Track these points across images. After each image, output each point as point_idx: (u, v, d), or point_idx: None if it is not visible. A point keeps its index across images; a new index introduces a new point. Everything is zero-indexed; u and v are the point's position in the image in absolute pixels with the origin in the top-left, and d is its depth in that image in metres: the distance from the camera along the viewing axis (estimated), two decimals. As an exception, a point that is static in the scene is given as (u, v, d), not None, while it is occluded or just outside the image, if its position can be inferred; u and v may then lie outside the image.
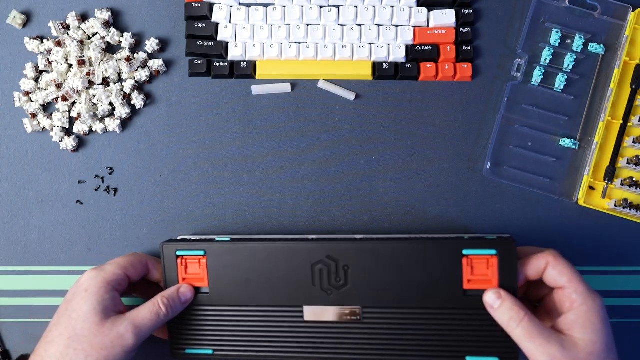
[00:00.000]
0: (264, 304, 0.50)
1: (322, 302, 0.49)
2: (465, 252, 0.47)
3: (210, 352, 0.51)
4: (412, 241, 0.48)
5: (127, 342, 0.45)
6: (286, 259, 0.49)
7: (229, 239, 0.51)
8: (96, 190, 0.57)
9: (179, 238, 0.54)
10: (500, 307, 0.46)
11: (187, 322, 0.51)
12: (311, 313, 0.49)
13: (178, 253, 0.50)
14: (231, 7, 0.58)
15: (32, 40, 0.57)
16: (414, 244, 0.48)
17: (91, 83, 0.57)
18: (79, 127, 0.57)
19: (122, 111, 0.56)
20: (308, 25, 0.58)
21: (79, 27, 0.57)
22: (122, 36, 0.57)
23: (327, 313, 0.49)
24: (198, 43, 0.57)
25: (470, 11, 0.58)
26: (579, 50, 0.58)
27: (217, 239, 0.51)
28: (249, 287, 0.50)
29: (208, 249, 0.50)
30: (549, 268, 0.46)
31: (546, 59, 0.58)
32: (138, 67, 0.57)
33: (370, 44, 0.58)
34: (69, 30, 0.57)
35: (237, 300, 0.50)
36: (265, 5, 0.58)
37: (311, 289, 0.49)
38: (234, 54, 0.57)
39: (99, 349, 0.44)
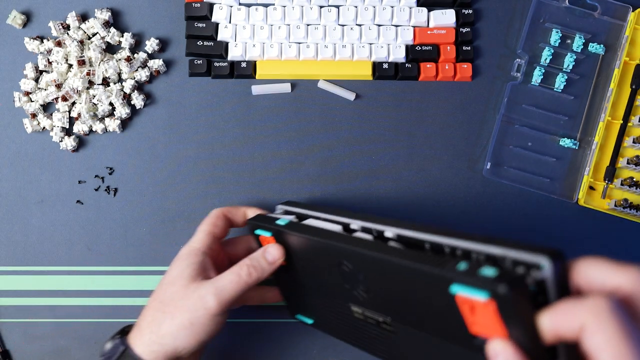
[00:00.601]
0: (314, 291, 0.48)
1: (358, 303, 0.43)
2: (454, 289, 0.31)
3: (311, 321, 0.50)
4: (395, 260, 0.35)
5: (209, 305, 0.44)
6: (317, 255, 0.44)
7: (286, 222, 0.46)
8: (96, 190, 0.57)
9: (276, 211, 0.51)
10: None
11: (291, 289, 0.50)
12: (356, 310, 0.44)
13: (255, 232, 0.49)
14: (231, 7, 0.58)
15: (32, 40, 0.57)
16: (397, 266, 0.35)
17: (91, 83, 0.57)
18: (79, 127, 0.57)
19: (122, 111, 0.56)
20: (308, 25, 0.58)
21: (79, 27, 0.57)
22: (122, 36, 0.57)
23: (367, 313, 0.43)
24: (198, 43, 0.57)
25: (470, 11, 0.58)
26: (579, 50, 0.58)
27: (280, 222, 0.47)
28: (305, 274, 0.47)
29: (275, 231, 0.47)
30: (585, 334, 0.28)
31: (546, 59, 0.58)
32: (138, 67, 0.57)
33: (370, 44, 0.58)
34: (69, 30, 0.57)
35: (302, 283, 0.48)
36: (265, 5, 0.58)
37: (344, 289, 0.43)
38: (234, 54, 0.57)
39: (183, 311, 0.44)
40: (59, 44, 0.56)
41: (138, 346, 0.45)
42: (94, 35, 0.58)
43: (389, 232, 0.40)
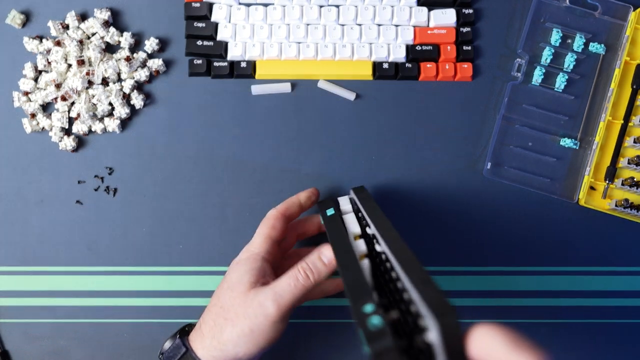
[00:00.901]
0: None
1: None
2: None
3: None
4: None
5: (268, 311, 0.44)
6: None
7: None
8: (96, 190, 0.57)
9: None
10: None
11: None
12: None
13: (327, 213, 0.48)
14: (231, 6, 0.58)
15: (31, 40, 0.57)
16: None
17: (90, 83, 0.57)
18: (78, 127, 0.56)
19: (121, 111, 0.56)
20: (308, 25, 0.58)
21: (79, 27, 0.57)
22: (122, 36, 0.57)
23: None
24: (198, 43, 0.57)
25: (471, 11, 0.58)
26: (580, 50, 0.58)
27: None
28: None
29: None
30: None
31: (547, 58, 0.58)
32: (137, 67, 0.57)
33: (371, 43, 0.58)
34: (69, 30, 0.57)
35: None
36: (265, 5, 0.58)
37: None
38: (233, 53, 0.57)
39: (243, 318, 0.44)
40: (58, 43, 0.56)
41: (199, 349, 0.45)
42: (93, 35, 0.57)
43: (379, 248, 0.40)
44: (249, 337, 0.44)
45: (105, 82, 0.57)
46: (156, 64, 0.57)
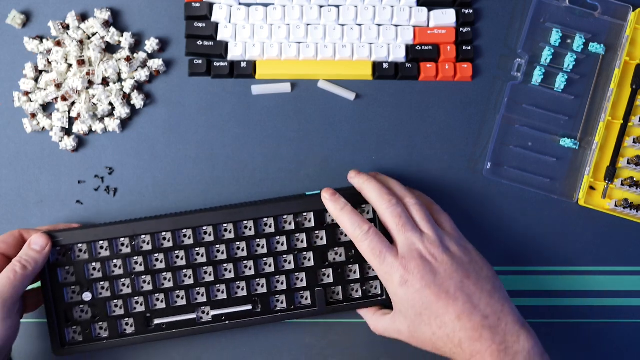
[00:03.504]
0: None
1: None
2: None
3: None
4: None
5: None
6: None
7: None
8: (96, 190, 0.57)
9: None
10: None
11: None
12: None
13: None
14: (231, 6, 0.58)
15: (31, 40, 0.57)
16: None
17: (91, 83, 0.57)
18: (78, 127, 0.56)
19: (121, 111, 0.56)
20: (308, 25, 0.58)
21: (79, 27, 0.57)
22: (122, 36, 0.57)
23: None
24: (198, 43, 0.57)
25: (471, 11, 0.58)
26: (580, 50, 0.58)
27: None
28: None
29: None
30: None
31: (546, 58, 0.58)
32: (138, 67, 0.57)
33: (370, 43, 0.58)
34: (69, 30, 0.57)
35: None
36: (265, 5, 0.58)
37: None
38: (233, 53, 0.57)
39: None
40: (58, 43, 0.56)
41: None
42: (93, 35, 0.58)
43: None
44: None
45: (105, 82, 0.57)
46: (156, 64, 0.57)
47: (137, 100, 0.57)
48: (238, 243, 0.52)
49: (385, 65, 0.57)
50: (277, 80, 0.58)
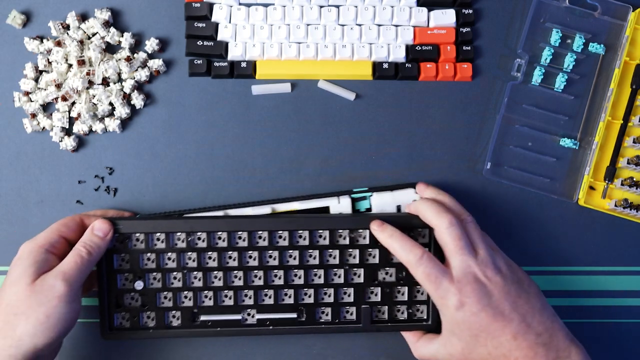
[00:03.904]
0: None
1: None
2: None
3: None
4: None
5: (59, 290, 0.45)
6: None
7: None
8: (96, 190, 0.57)
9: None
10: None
11: None
12: None
13: None
14: (231, 7, 0.58)
15: (31, 40, 0.57)
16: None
17: (91, 83, 0.57)
18: (78, 127, 0.56)
19: (122, 111, 0.56)
20: (308, 25, 0.58)
21: (79, 27, 0.57)
22: (122, 36, 0.57)
23: None
24: (198, 43, 0.57)
25: (471, 11, 0.58)
26: (579, 50, 0.58)
27: None
28: None
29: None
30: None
31: (546, 58, 0.58)
32: (138, 67, 0.57)
33: (370, 43, 0.58)
34: (69, 30, 0.57)
35: None
36: (265, 5, 0.58)
37: None
38: (234, 53, 0.57)
39: (36, 306, 0.45)
40: (58, 43, 0.56)
41: None
42: (93, 35, 0.58)
43: None
44: (45, 325, 0.45)
45: (105, 82, 0.57)
46: (156, 64, 0.57)
47: (137, 100, 0.57)
48: (291, 251, 0.52)
49: (385, 65, 0.57)
50: (277, 80, 0.58)
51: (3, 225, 0.57)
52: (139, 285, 0.52)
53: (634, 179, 0.56)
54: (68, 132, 0.57)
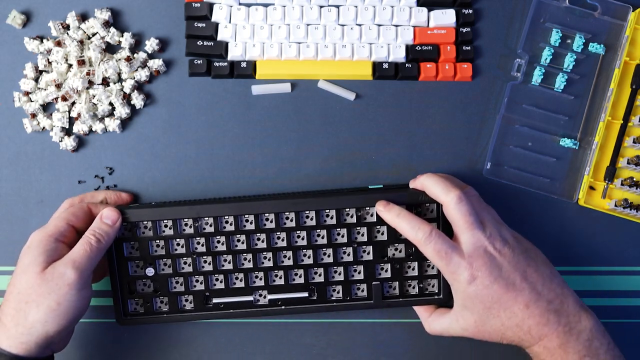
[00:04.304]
0: None
1: None
2: None
3: None
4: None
5: (70, 278, 0.46)
6: None
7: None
8: (96, 190, 0.57)
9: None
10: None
11: None
12: None
13: None
14: (231, 7, 0.58)
15: (31, 40, 0.57)
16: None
17: (91, 83, 0.57)
18: (78, 127, 0.56)
19: (122, 111, 0.56)
20: (308, 25, 0.58)
21: (79, 27, 0.57)
22: (122, 36, 0.57)
23: None
24: (198, 43, 0.57)
25: (470, 11, 0.58)
26: (579, 50, 0.58)
27: None
28: None
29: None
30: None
31: (546, 58, 0.58)
32: (138, 67, 0.57)
33: (370, 43, 0.58)
34: (69, 30, 0.57)
35: None
36: (265, 5, 0.58)
37: None
38: (234, 53, 0.57)
39: (47, 294, 0.45)
40: (58, 43, 0.56)
41: (4, 342, 0.46)
42: (93, 35, 0.58)
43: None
44: (56, 312, 0.46)
45: (105, 82, 0.57)
46: (156, 64, 0.57)
47: (137, 100, 0.57)
48: (299, 232, 0.53)
49: (385, 65, 0.57)
50: (277, 80, 0.58)
51: (3, 225, 0.57)
52: (150, 271, 0.52)
53: (634, 179, 0.56)
54: (68, 132, 0.57)
